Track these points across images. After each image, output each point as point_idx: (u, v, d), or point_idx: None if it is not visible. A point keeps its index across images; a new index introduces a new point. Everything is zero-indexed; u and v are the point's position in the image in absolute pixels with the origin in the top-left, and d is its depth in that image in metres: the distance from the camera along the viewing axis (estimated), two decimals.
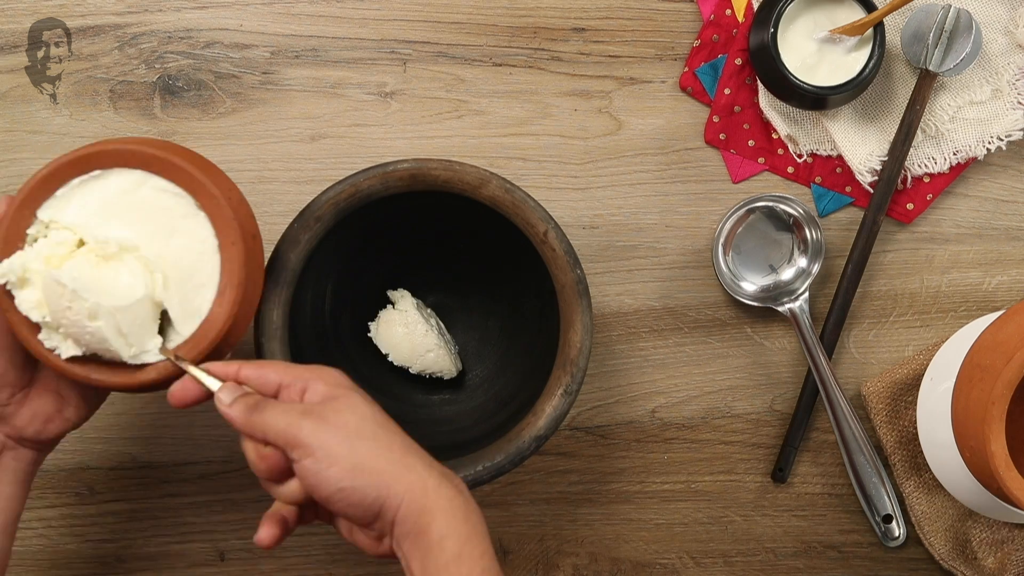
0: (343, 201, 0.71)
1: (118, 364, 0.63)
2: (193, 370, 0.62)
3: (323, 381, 0.61)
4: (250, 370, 0.62)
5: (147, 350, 0.62)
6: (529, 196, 0.71)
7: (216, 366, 0.62)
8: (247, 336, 0.81)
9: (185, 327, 0.64)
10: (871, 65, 0.78)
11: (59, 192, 0.63)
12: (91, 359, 0.63)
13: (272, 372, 0.61)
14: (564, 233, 0.71)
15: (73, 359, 0.63)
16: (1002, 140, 0.82)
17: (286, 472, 0.60)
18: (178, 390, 0.62)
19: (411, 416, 0.80)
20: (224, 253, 0.63)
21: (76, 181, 0.63)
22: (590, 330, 0.71)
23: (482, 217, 0.73)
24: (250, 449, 0.60)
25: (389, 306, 0.80)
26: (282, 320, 0.71)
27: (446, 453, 0.73)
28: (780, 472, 0.83)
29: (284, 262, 0.71)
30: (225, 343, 0.64)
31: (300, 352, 0.74)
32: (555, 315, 0.72)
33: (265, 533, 0.61)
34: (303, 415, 0.58)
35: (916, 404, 0.81)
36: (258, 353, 0.70)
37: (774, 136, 0.83)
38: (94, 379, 0.63)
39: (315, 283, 0.77)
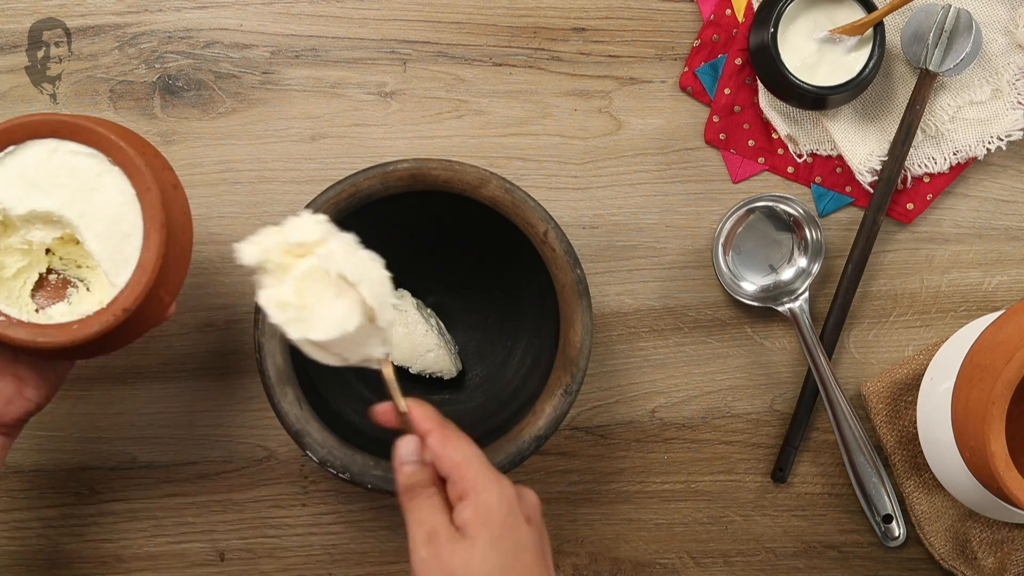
0: (343, 201, 0.71)
1: (62, 325, 0.64)
2: (400, 402, 0.63)
3: (492, 505, 0.59)
4: (436, 442, 0.61)
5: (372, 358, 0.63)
6: (529, 196, 0.71)
7: (420, 411, 0.63)
8: (248, 338, 0.81)
9: (119, 277, 0.65)
10: (871, 65, 0.78)
11: None
12: (32, 324, 0.64)
13: (452, 462, 0.61)
14: (564, 233, 0.71)
15: (17, 324, 0.64)
16: (1002, 140, 0.82)
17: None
18: (381, 412, 0.64)
19: None
20: (142, 199, 0.65)
21: None
22: (590, 330, 0.71)
23: (482, 217, 0.73)
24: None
25: None
26: None
27: None
28: (780, 472, 0.83)
29: None
30: (161, 287, 0.65)
31: (300, 352, 0.73)
32: (555, 315, 0.72)
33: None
34: (449, 541, 0.58)
35: (916, 404, 0.81)
36: (258, 353, 0.70)
37: (774, 136, 0.83)
38: (40, 343, 0.64)
39: None
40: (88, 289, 0.69)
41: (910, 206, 0.83)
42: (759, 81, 0.81)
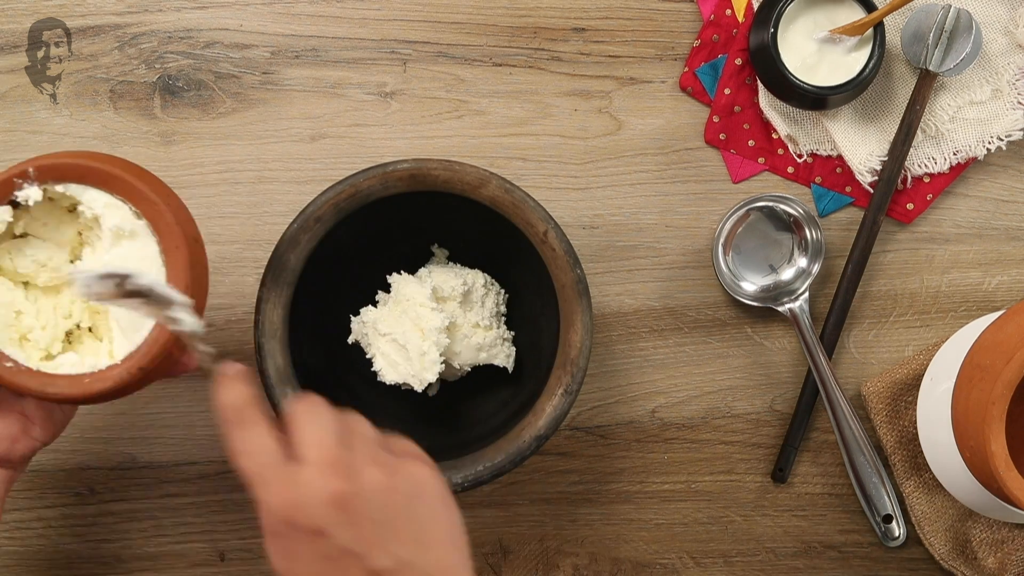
0: (343, 201, 0.71)
1: (74, 376, 0.62)
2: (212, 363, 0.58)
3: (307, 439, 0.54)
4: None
5: None
6: (529, 196, 0.71)
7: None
8: (248, 338, 0.81)
9: (135, 333, 0.62)
10: (871, 65, 0.78)
11: None
12: (41, 373, 0.61)
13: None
14: (564, 233, 0.71)
15: (27, 372, 0.61)
16: (1002, 140, 0.82)
17: None
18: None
19: (411, 416, 0.80)
20: (168, 258, 0.62)
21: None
22: (590, 330, 0.71)
23: (482, 217, 0.73)
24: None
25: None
26: (282, 320, 0.71)
27: (446, 453, 0.73)
28: (780, 472, 0.83)
29: (284, 262, 0.71)
30: (177, 347, 0.63)
31: (300, 352, 0.74)
32: (555, 315, 0.72)
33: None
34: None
35: (916, 404, 0.81)
36: (258, 353, 0.70)
37: (774, 136, 0.83)
38: (49, 393, 0.62)
39: (315, 283, 0.77)
40: (96, 336, 0.66)
41: (910, 206, 0.83)
42: (759, 81, 0.81)
